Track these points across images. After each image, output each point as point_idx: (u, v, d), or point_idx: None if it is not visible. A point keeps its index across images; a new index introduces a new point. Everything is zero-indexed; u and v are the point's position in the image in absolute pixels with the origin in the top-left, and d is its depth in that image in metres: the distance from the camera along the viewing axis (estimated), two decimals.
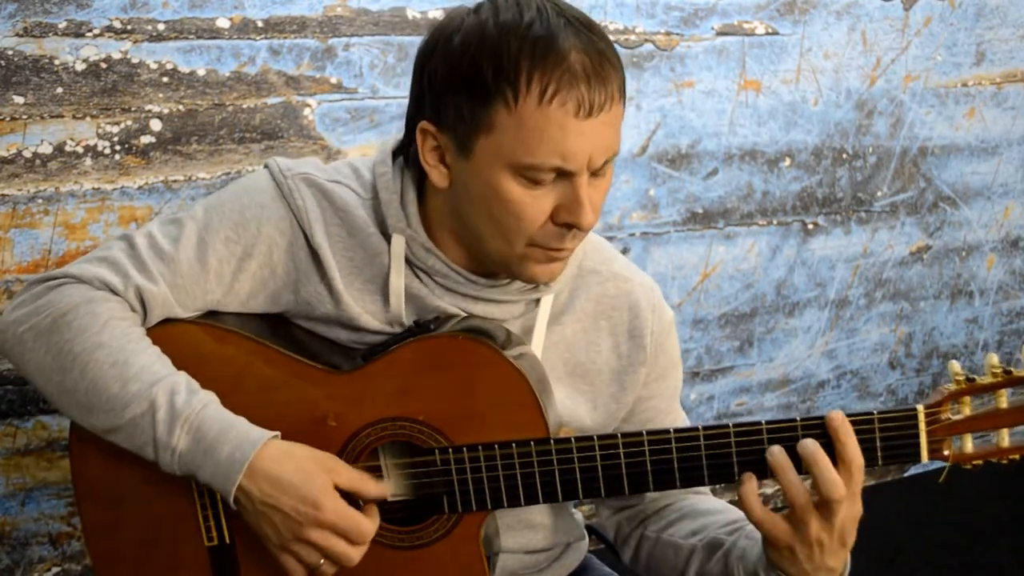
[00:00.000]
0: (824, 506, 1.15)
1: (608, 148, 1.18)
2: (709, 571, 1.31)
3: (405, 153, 1.29)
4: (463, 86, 1.16)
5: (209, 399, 1.20)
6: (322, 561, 1.19)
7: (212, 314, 1.29)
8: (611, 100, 1.16)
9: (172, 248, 1.25)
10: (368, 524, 1.19)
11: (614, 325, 1.35)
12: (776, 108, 2.44)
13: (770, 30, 2.40)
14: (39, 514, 1.92)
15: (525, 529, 1.37)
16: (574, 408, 1.33)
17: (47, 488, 1.92)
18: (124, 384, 1.19)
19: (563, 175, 1.17)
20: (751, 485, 1.18)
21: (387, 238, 1.28)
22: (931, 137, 2.66)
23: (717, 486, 1.28)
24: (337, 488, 1.19)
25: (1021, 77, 2.74)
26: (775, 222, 2.52)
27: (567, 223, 1.18)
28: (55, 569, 1.95)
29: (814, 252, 2.59)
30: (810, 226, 2.57)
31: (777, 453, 1.18)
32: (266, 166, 1.30)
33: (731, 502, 1.37)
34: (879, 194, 2.64)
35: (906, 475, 2.87)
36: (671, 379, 1.40)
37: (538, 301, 1.32)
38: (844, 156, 2.56)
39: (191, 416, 1.17)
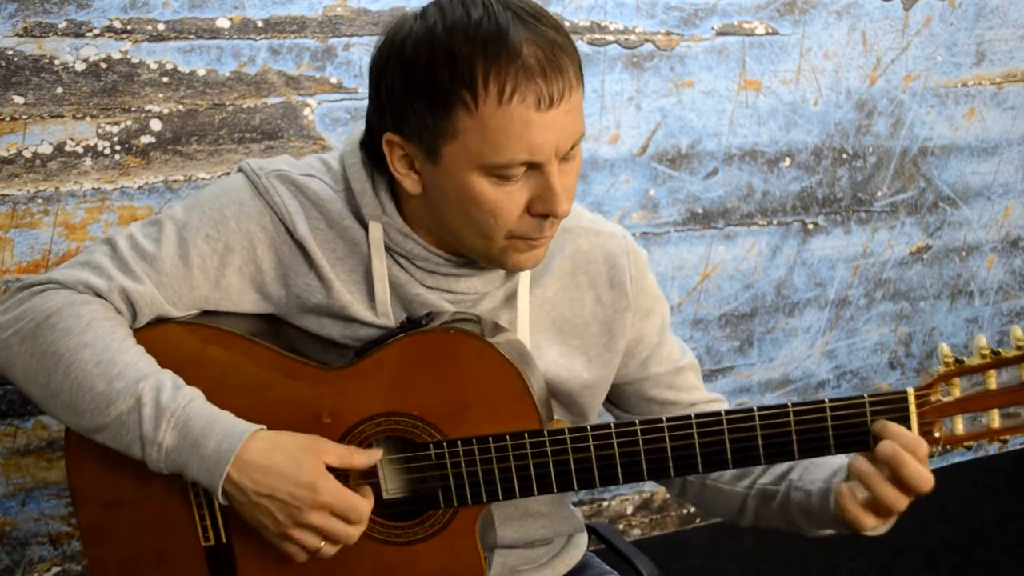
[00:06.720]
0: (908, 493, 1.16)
1: (573, 133, 1.18)
2: (767, 518, 1.35)
3: (369, 151, 1.30)
4: (421, 95, 1.16)
5: (195, 394, 1.20)
6: (322, 543, 1.20)
7: (207, 314, 1.30)
8: (569, 88, 1.16)
9: (154, 248, 1.26)
10: (363, 502, 1.20)
11: (593, 278, 1.36)
12: (776, 108, 2.44)
13: (770, 30, 2.40)
14: (39, 514, 1.92)
15: (525, 518, 1.38)
16: (569, 365, 1.34)
17: (47, 488, 1.92)
18: (109, 382, 1.19)
19: (533, 167, 1.18)
20: (851, 490, 1.17)
21: (363, 227, 1.29)
22: (931, 137, 2.66)
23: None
24: (328, 467, 1.20)
25: (1021, 77, 2.74)
26: (775, 222, 2.52)
27: (543, 213, 1.20)
28: (55, 569, 1.95)
29: (814, 252, 2.59)
30: (810, 226, 2.57)
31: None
32: (240, 169, 1.32)
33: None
34: (879, 194, 2.64)
35: None
36: (657, 314, 1.42)
37: None
38: (844, 156, 2.56)
39: (177, 411, 1.18)
